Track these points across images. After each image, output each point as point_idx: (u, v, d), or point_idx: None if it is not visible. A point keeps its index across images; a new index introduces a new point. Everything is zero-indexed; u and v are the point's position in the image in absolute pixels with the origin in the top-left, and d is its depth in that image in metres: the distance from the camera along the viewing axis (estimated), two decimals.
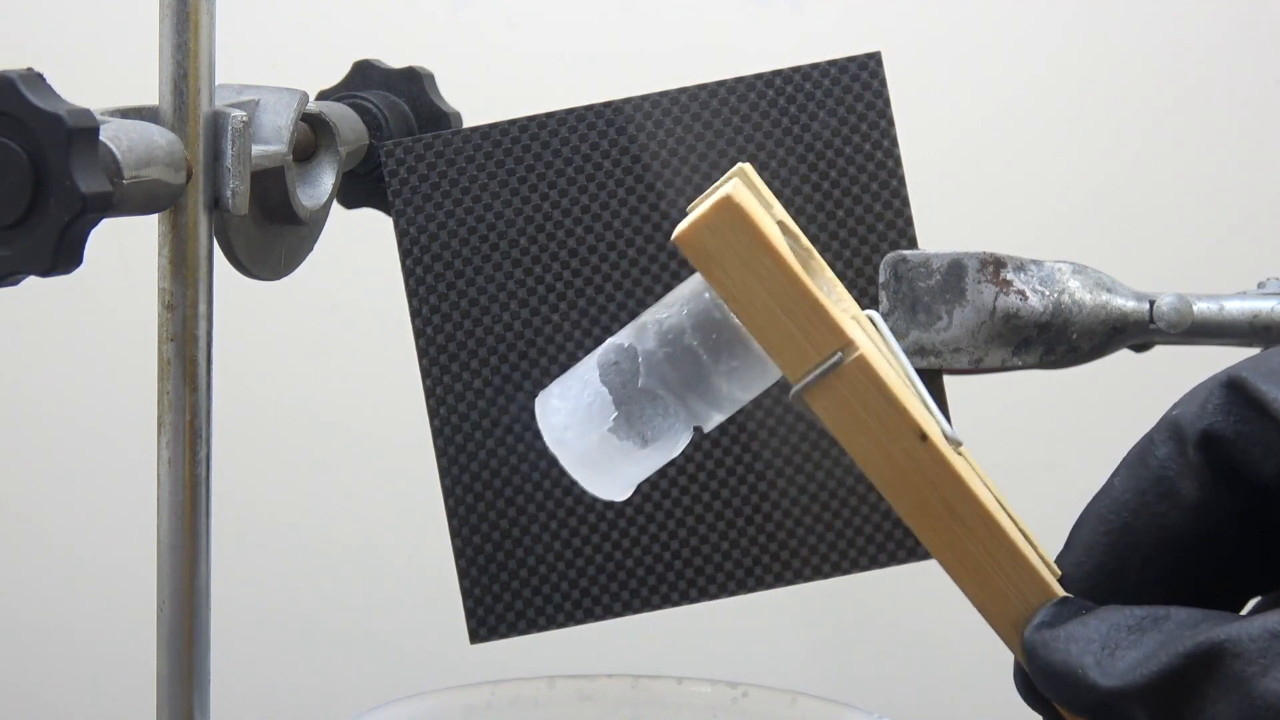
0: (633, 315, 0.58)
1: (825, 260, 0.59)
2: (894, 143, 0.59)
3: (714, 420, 0.45)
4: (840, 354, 0.42)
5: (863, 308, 0.59)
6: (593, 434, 0.44)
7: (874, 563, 0.58)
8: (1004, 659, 0.44)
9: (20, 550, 1.11)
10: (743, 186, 0.44)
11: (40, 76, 0.46)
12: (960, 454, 0.45)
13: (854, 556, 0.58)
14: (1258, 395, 0.42)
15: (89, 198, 0.45)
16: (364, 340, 1.06)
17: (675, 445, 0.45)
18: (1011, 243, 0.61)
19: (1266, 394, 0.42)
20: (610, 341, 0.45)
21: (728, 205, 0.42)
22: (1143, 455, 0.44)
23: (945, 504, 0.43)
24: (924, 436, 0.43)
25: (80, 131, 0.45)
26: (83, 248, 0.46)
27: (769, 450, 0.58)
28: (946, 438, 0.44)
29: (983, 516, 0.43)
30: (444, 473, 0.59)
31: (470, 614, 0.59)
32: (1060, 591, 0.44)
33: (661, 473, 0.59)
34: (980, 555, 0.43)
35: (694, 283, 0.45)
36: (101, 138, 0.46)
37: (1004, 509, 0.45)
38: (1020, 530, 0.45)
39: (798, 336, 0.42)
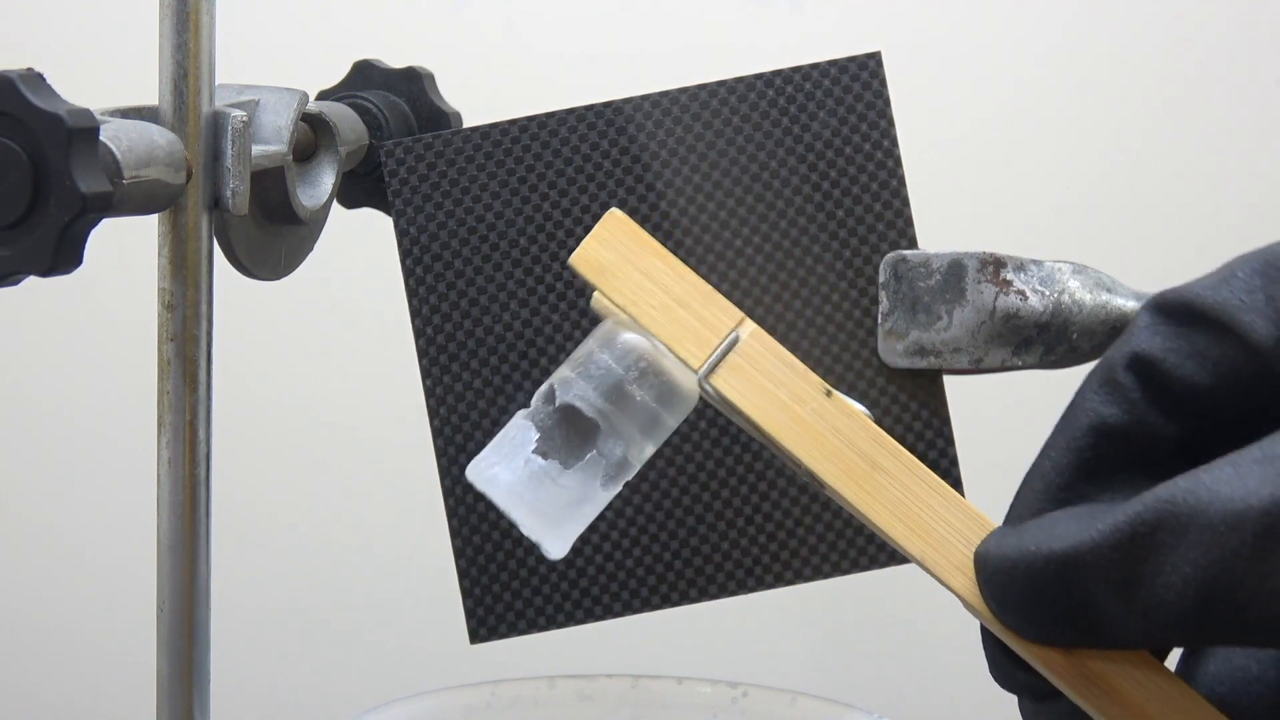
0: None
1: (825, 260, 0.59)
2: (894, 143, 0.59)
3: (636, 442, 0.46)
4: (737, 332, 0.45)
5: (863, 308, 0.59)
6: (518, 460, 0.46)
7: (874, 563, 0.58)
8: None
9: (20, 550, 1.12)
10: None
11: (40, 76, 0.46)
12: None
13: (854, 556, 0.58)
14: (1180, 300, 0.40)
15: (89, 198, 0.45)
16: (364, 340, 1.06)
17: (598, 473, 0.46)
18: (1011, 243, 0.61)
19: (1191, 295, 0.40)
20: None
21: (615, 219, 0.46)
22: (1071, 403, 0.42)
23: (864, 456, 0.44)
24: (829, 392, 0.45)
25: (80, 131, 0.45)
26: (83, 248, 0.46)
27: (769, 450, 0.58)
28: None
29: (905, 461, 0.44)
30: (444, 473, 0.59)
31: (470, 614, 0.59)
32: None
33: (662, 472, 0.59)
34: (912, 503, 0.44)
35: (596, 330, 0.47)
36: (101, 138, 0.46)
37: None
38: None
39: (694, 323, 0.45)
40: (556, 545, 0.47)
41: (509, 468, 0.46)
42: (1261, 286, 0.40)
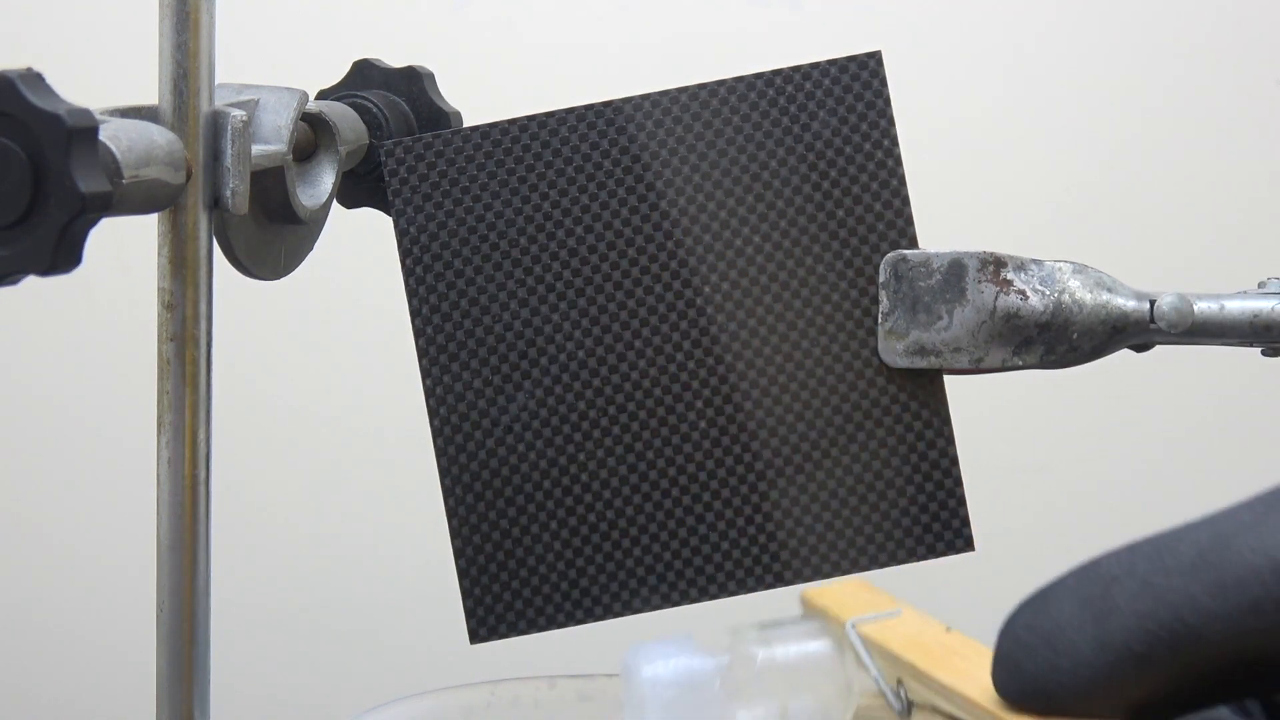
0: (633, 315, 0.58)
1: (826, 260, 0.59)
2: (894, 143, 0.59)
3: None
4: None
5: (863, 308, 0.59)
6: None
7: (874, 562, 0.58)
8: None
9: (20, 550, 1.12)
10: None
11: (40, 76, 0.46)
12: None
13: (854, 556, 0.58)
14: None
15: (88, 197, 0.45)
16: (364, 340, 1.06)
17: None
18: (1011, 243, 0.61)
19: None
20: None
21: None
22: None
23: None
24: None
25: (80, 131, 0.45)
26: (82, 247, 0.46)
27: (769, 450, 0.58)
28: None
29: None
30: (444, 473, 0.59)
31: (470, 614, 0.59)
32: None
33: (662, 471, 0.59)
34: None
35: None
36: (101, 137, 0.46)
37: None
38: None
39: None
40: None
41: None
42: None
